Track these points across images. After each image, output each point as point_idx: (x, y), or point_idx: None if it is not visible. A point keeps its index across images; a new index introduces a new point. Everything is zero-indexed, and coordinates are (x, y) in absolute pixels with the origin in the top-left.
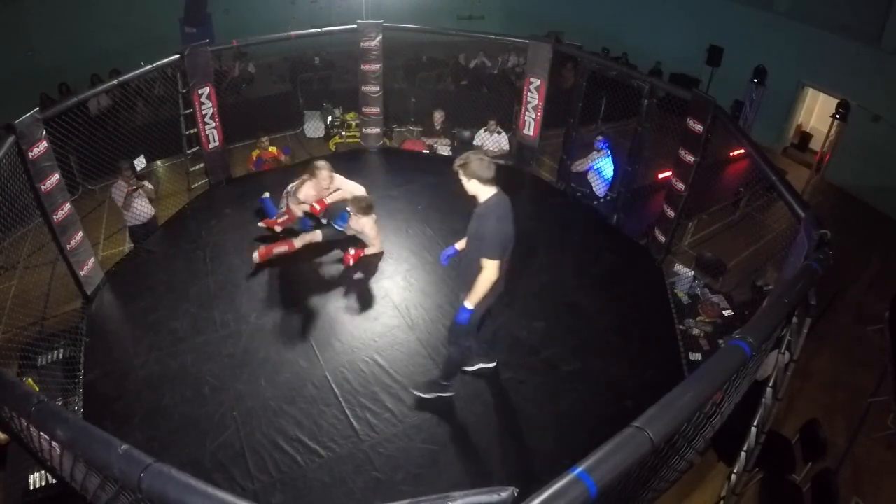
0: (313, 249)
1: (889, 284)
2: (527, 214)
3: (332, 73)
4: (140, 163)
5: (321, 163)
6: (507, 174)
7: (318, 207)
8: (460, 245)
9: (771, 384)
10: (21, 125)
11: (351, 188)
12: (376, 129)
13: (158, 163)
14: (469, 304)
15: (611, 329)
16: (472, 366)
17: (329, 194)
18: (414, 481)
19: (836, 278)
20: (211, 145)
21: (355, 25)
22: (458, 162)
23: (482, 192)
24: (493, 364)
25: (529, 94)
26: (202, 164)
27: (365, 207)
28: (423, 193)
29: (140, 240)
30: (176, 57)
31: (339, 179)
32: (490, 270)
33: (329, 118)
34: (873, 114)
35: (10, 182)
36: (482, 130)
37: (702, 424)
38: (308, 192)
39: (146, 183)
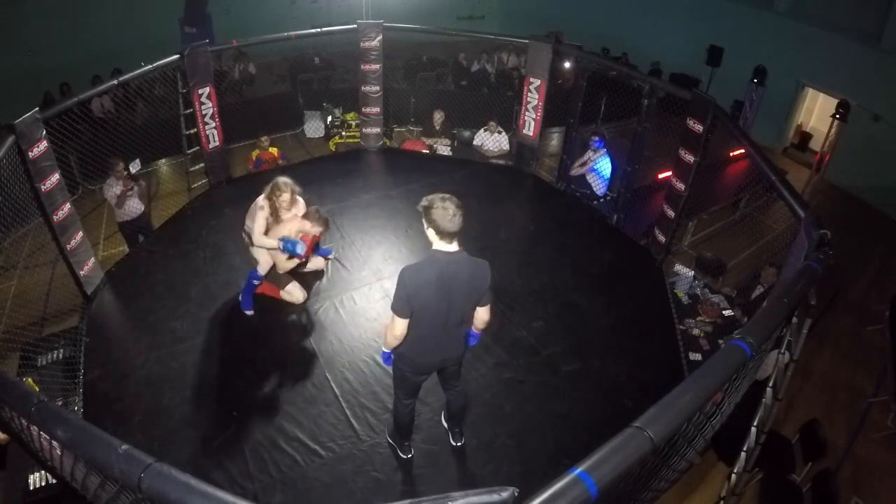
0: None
1: (889, 284)
2: (527, 214)
3: (332, 73)
4: (135, 166)
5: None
6: (507, 174)
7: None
8: None
9: (771, 384)
10: (21, 125)
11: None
12: (376, 129)
13: (162, 161)
14: (384, 346)
15: (611, 329)
16: (390, 436)
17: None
18: (414, 481)
19: (836, 278)
20: (211, 145)
21: (355, 25)
22: (422, 203)
23: (434, 244)
24: (405, 455)
25: (529, 94)
26: (202, 164)
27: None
28: (423, 193)
29: (130, 235)
30: (176, 57)
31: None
32: (393, 322)
33: (329, 118)
34: (873, 114)
35: (10, 182)
36: (482, 130)
37: (702, 424)
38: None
39: (141, 181)
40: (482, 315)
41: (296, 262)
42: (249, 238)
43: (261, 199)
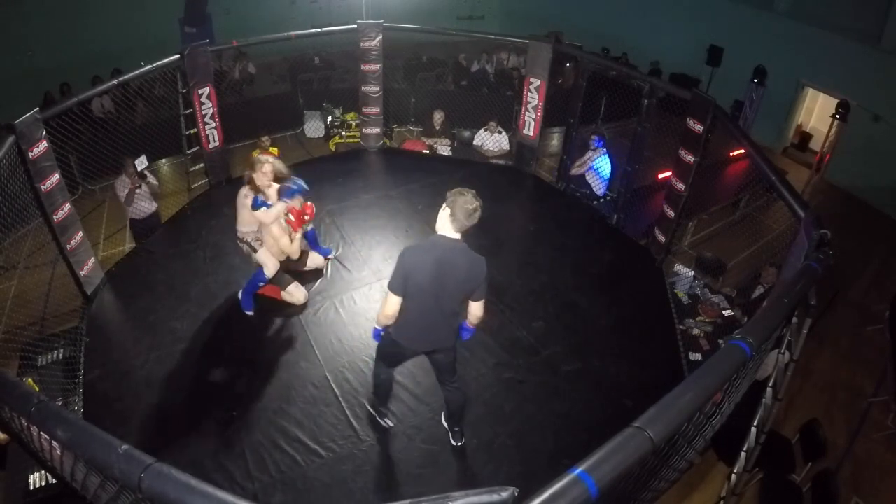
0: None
1: (889, 284)
2: (527, 214)
3: (332, 73)
4: (142, 162)
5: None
6: (507, 174)
7: (292, 219)
8: None
9: (771, 384)
10: (21, 125)
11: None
12: (376, 129)
13: (163, 161)
14: (376, 323)
15: (611, 329)
16: (369, 403)
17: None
18: (414, 481)
19: (836, 278)
20: (211, 145)
21: (355, 25)
22: (455, 189)
23: (441, 226)
24: (385, 424)
25: (529, 94)
26: (202, 164)
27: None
28: (423, 193)
29: (139, 234)
30: (176, 57)
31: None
32: (387, 299)
33: (329, 118)
34: (873, 114)
35: (10, 182)
36: (482, 130)
37: (702, 424)
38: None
39: (151, 179)
40: (475, 310)
41: (298, 241)
42: (250, 245)
43: (244, 190)
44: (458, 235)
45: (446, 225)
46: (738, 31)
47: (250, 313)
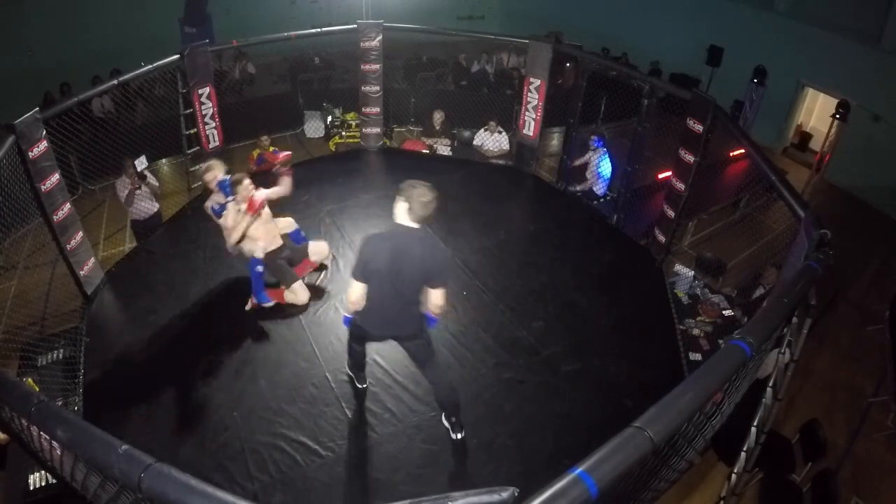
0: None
1: (889, 284)
2: (527, 214)
3: (332, 73)
4: (141, 163)
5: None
6: (507, 174)
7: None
8: None
9: (771, 384)
10: (21, 125)
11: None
12: (376, 129)
13: (163, 161)
14: (344, 311)
15: (611, 329)
16: (349, 368)
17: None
18: (414, 481)
19: (836, 278)
20: (211, 145)
21: (355, 25)
22: (409, 182)
23: (399, 217)
24: (360, 385)
25: (529, 94)
26: (202, 164)
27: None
28: None
29: (140, 235)
30: (176, 57)
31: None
32: (350, 286)
33: (329, 118)
34: (873, 114)
35: (10, 182)
36: (482, 130)
37: (702, 424)
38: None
39: (151, 180)
40: (433, 298)
41: (263, 225)
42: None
43: (207, 202)
44: (416, 225)
45: (404, 216)
46: (738, 31)
47: (269, 304)
